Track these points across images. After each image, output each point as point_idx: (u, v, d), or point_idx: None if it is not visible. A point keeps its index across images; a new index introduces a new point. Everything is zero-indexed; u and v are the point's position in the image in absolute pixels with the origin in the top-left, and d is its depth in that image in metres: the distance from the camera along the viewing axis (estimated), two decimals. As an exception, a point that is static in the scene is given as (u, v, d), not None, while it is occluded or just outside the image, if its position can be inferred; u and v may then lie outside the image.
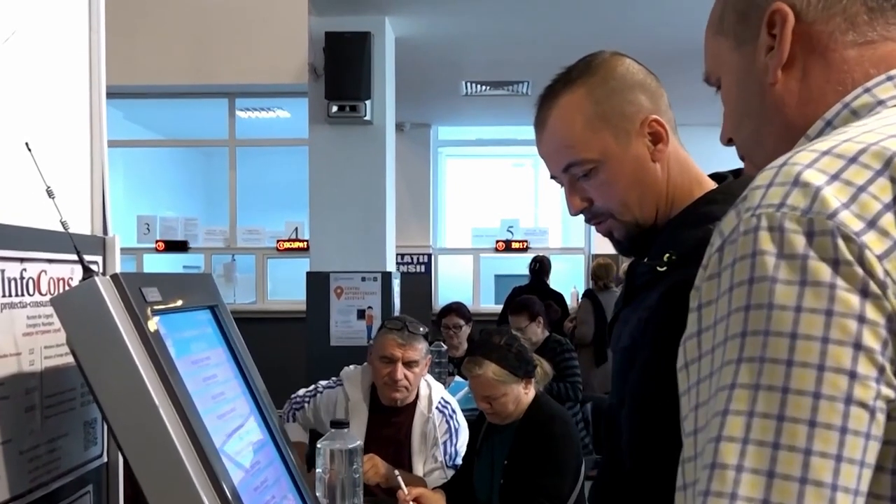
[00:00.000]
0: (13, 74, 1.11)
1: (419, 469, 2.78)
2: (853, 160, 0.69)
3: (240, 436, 1.14)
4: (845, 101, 0.79)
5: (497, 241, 9.17)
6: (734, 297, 0.68)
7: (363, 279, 5.39)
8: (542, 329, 4.73)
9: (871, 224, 0.66)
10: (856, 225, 0.65)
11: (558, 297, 6.96)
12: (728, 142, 0.94)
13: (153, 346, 0.95)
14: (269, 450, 1.23)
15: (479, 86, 7.37)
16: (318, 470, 1.89)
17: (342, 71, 5.19)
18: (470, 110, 8.37)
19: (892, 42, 0.81)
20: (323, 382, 2.98)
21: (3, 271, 1.00)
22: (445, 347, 4.68)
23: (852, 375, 0.63)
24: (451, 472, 2.74)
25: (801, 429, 0.63)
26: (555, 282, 7.59)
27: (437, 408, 2.82)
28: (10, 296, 1.02)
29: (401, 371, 2.71)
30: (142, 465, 0.94)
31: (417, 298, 8.18)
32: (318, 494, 1.84)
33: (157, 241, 8.09)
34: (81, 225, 1.27)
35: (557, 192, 1.32)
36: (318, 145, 5.46)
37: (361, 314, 5.40)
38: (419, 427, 2.80)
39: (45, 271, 1.10)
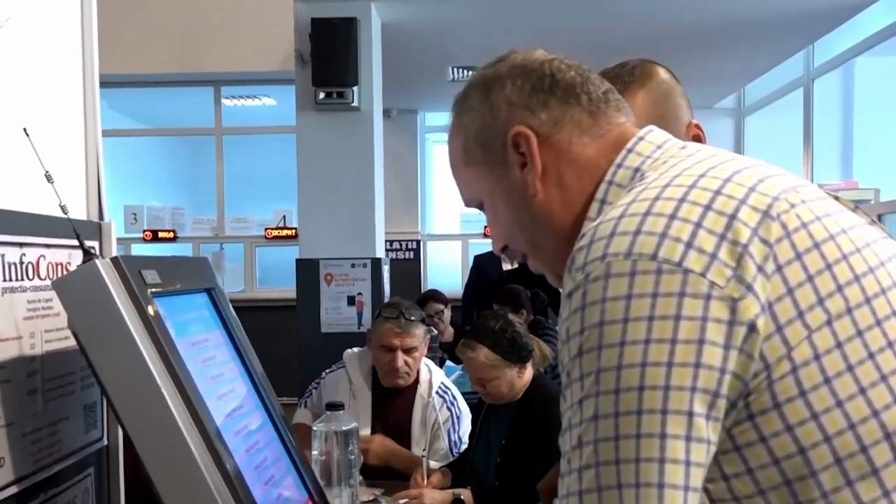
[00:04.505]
0: (8, 63, 1.11)
1: (418, 451, 2.81)
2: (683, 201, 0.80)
3: (239, 416, 1.16)
4: (607, 180, 0.92)
5: (485, 227, 9.18)
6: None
7: (353, 266, 5.40)
8: (524, 320, 4.77)
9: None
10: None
11: (544, 282, 6.93)
12: (503, 249, 1.04)
13: (154, 327, 0.96)
14: (268, 430, 1.24)
15: (465, 71, 7.36)
16: (314, 452, 1.91)
17: (329, 57, 5.18)
18: (456, 96, 8.35)
19: (617, 126, 0.95)
20: (326, 370, 3.02)
21: (2, 256, 1.01)
22: (436, 332, 4.71)
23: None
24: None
25: None
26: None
27: (437, 392, 2.86)
28: (11, 280, 1.03)
29: (401, 359, 2.74)
30: (145, 443, 0.95)
31: (407, 284, 8.19)
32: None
33: (144, 231, 8.08)
34: (77, 211, 1.28)
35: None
36: (306, 132, 5.44)
37: (352, 301, 5.41)
38: (419, 411, 2.83)
39: (44, 256, 1.11)
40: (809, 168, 7.45)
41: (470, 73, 7.49)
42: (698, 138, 1.41)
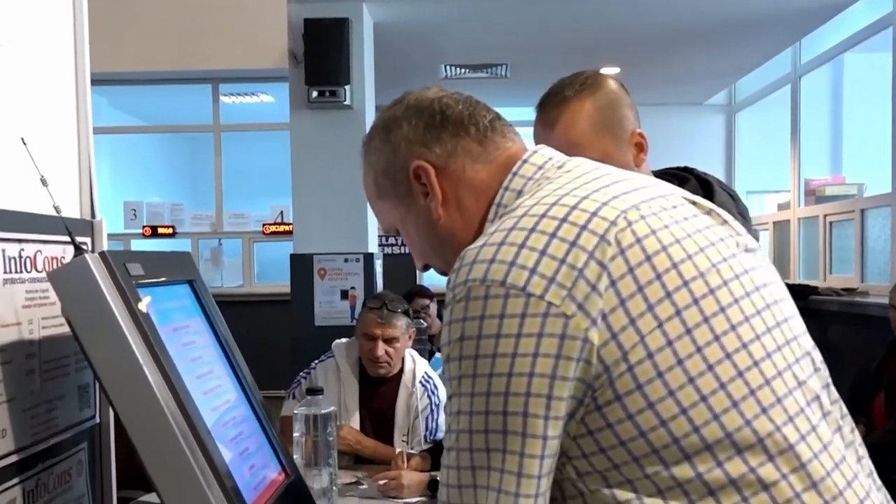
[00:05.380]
0: (4, 70, 1.23)
1: (399, 438, 2.95)
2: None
3: (216, 394, 1.28)
4: (496, 202, 1.07)
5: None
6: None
7: (346, 260, 5.53)
8: None
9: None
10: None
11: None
12: (424, 267, 1.20)
13: (138, 314, 1.09)
14: (244, 408, 1.37)
15: (458, 69, 7.48)
16: (295, 434, 2.04)
17: (321, 57, 5.31)
18: (450, 93, 8.45)
19: (506, 151, 1.10)
20: (316, 360, 3.15)
21: (3, 251, 1.14)
22: (425, 325, 4.84)
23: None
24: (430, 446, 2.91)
25: None
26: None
27: (420, 382, 2.99)
28: (11, 272, 1.15)
29: (381, 348, 2.87)
30: (131, 417, 1.07)
31: (402, 278, 8.31)
32: (296, 457, 1.98)
33: (143, 227, 8.21)
34: (71, 209, 1.40)
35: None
36: (300, 130, 5.58)
37: (345, 294, 5.55)
38: (403, 399, 2.96)
39: (41, 251, 1.23)
40: (797, 163, 7.56)
41: (463, 70, 7.62)
42: (640, 146, 1.57)
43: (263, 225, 8.32)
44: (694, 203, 1.04)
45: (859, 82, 7.37)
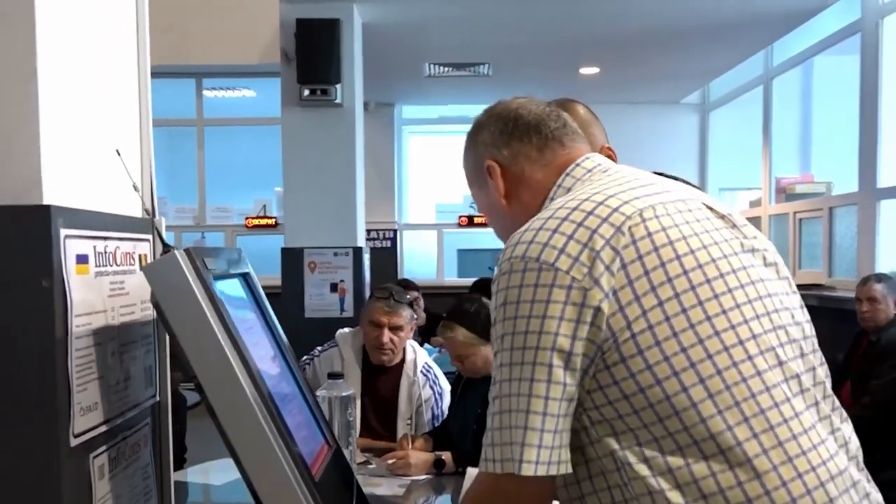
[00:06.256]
0: (99, 88, 1.38)
1: (403, 423, 3.14)
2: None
3: (271, 371, 1.45)
4: (549, 198, 1.30)
5: (460, 217, 9.49)
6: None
7: (335, 254, 5.69)
8: None
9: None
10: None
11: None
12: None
13: (216, 301, 1.25)
14: (294, 385, 1.54)
15: (441, 67, 7.65)
16: (317, 415, 2.21)
17: (313, 56, 5.46)
18: (433, 90, 8.64)
19: (562, 156, 1.32)
20: (319, 347, 3.31)
21: (94, 247, 1.30)
22: (417, 317, 5.03)
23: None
24: None
25: None
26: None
27: (421, 372, 3.17)
28: (99, 266, 1.31)
29: (387, 335, 3.05)
30: (212, 388, 1.24)
31: (384, 272, 8.48)
32: (317, 436, 2.15)
33: (128, 220, 8.26)
34: (135, 209, 1.56)
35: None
36: (291, 127, 5.72)
37: (334, 287, 5.71)
38: (406, 388, 3.15)
39: (119, 247, 1.39)
40: (768, 161, 7.82)
41: (446, 69, 7.79)
42: (610, 158, 1.80)
43: (246, 218, 8.42)
44: (710, 208, 1.24)
45: (828, 84, 7.64)
